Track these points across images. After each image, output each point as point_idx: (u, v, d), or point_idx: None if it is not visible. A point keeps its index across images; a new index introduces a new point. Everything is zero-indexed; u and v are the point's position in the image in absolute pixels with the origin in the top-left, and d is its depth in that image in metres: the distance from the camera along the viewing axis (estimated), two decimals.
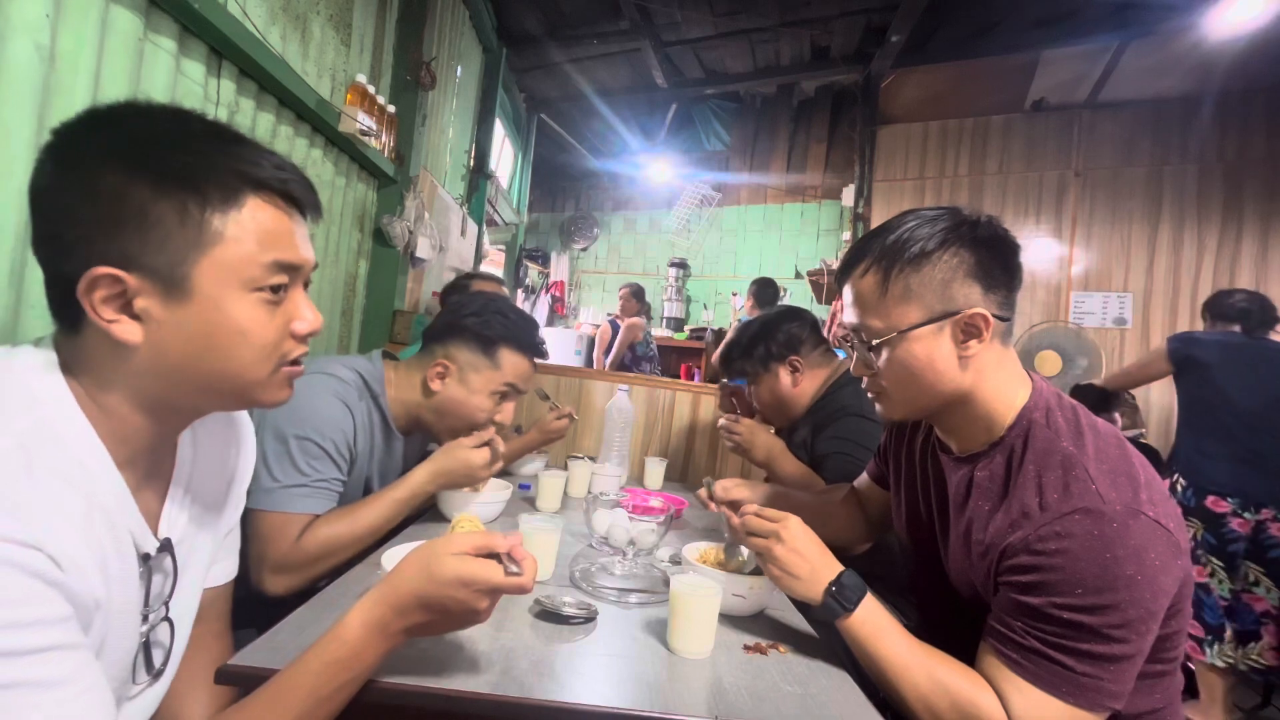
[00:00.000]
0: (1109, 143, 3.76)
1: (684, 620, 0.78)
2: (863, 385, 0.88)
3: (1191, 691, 2.18)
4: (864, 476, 1.18)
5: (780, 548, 0.82)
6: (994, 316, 0.77)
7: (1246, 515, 2.07)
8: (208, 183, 0.52)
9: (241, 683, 0.62)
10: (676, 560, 1.07)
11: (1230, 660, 2.07)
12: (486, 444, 1.16)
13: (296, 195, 0.57)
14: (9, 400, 0.48)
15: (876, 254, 0.81)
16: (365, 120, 1.94)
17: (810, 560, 0.82)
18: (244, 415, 0.74)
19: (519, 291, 5.15)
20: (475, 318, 1.18)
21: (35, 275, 1.02)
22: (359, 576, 0.90)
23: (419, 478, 1.12)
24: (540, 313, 5.54)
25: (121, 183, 0.49)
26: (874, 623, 0.78)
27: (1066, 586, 0.67)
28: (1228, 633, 2.09)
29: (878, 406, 0.88)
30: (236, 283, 0.53)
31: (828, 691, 0.73)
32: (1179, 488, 2.22)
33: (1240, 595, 2.09)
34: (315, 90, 1.76)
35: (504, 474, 1.72)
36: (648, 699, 0.66)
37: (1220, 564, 2.10)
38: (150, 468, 0.59)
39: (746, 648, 0.82)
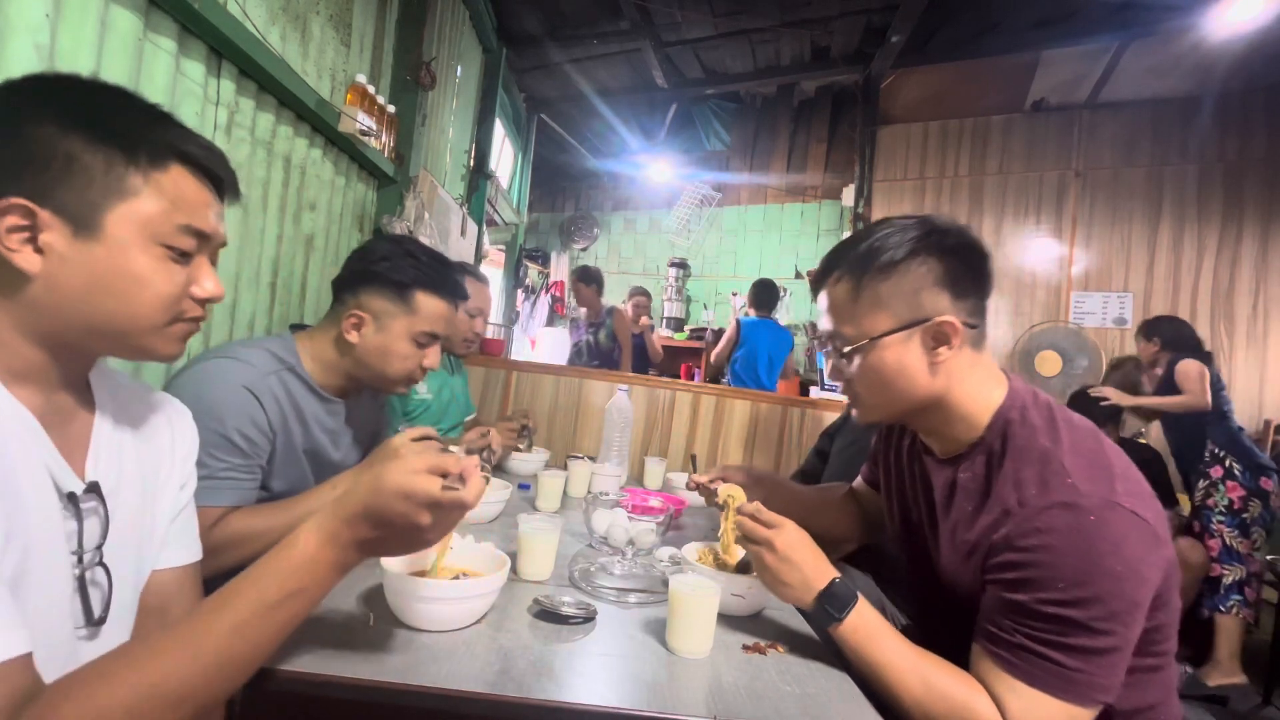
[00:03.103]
0: (1109, 143, 3.76)
1: (683, 620, 0.78)
2: (840, 390, 0.90)
3: (1198, 660, 2.38)
4: (859, 480, 1.18)
5: (772, 556, 0.82)
6: (963, 324, 0.79)
7: None
8: (138, 144, 0.56)
9: None
10: (675, 560, 1.07)
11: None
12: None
13: (218, 173, 0.62)
14: None
15: (848, 263, 0.83)
16: (365, 120, 1.94)
17: (802, 568, 0.81)
18: (171, 400, 0.74)
19: (519, 292, 5.15)
20: (385, 262, 1.12)
21: None
22: (356, 574, 0.90)
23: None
24: (540, 313, 5.54)
25: (55, 134, 0.54)
26: (865, 630, 0.77)
27: (1050, 581, 0.68)
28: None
29: (853, 411, 0.90)
30: (146, 236, 0.57)
31: (826, 691, 0.73)
32: (1235, 470, 2.46)
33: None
34: (315, 90, 1.76)
35: (501, 473, 1.72)
36: (646, 699, 0.66)
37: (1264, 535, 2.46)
38: (60, 408, 0.59)
39: (745, 647, 0.82)
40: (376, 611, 0.78)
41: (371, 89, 1.98)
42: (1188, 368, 2.57)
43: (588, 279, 4.02)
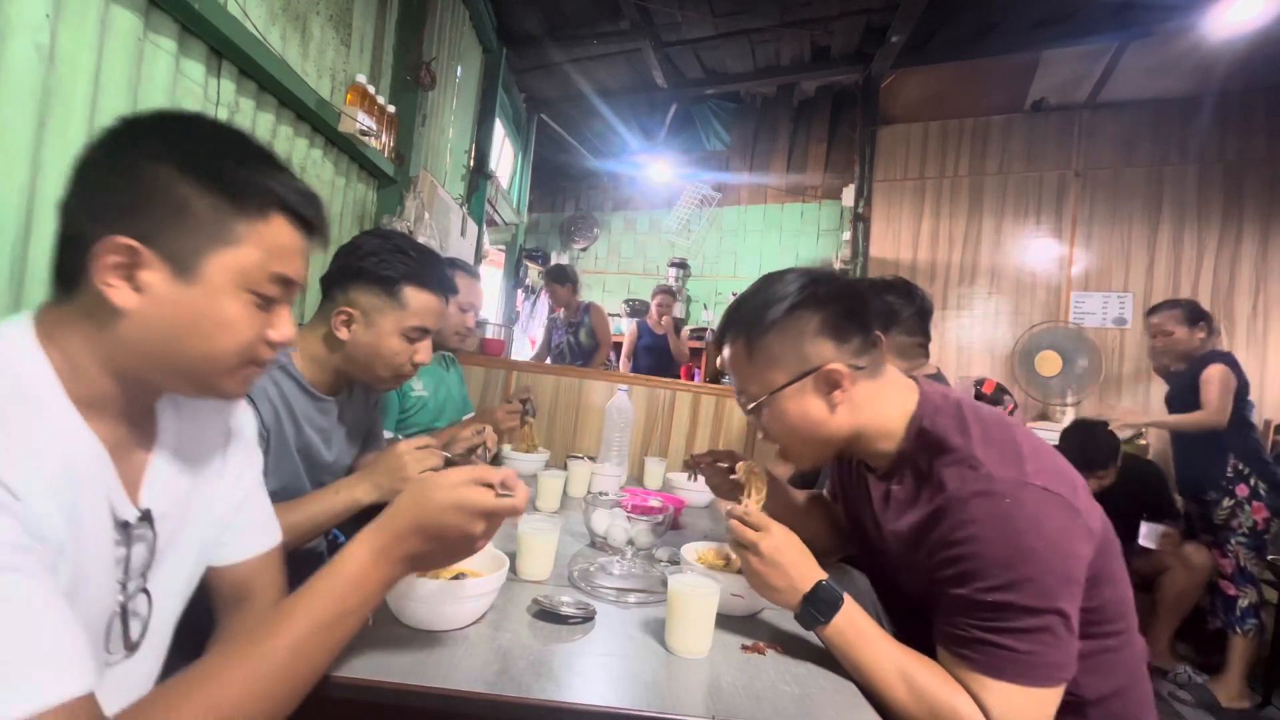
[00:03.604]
0: (1109, 143, 3.75)
1: (682, 620, 0.78)
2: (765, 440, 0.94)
3: (1213, 670, 2.32)
4: (826, 492, 1.20)
5: (757, 561, 0.82)
6: (849, 367, 0.84)
7: None
8: (247, 194, 0.58)
9: None
10: (675, 560, 1.07)
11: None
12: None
13: (314, 223, 0.64)
14: None
15: (739, 324, 0.90)
16: (365, 120, 1.94)
17: (788, 572, 0.81)
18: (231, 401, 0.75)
19: (519, 292, 5.15)
20: (373, 258, 1.11)
21: (34, 275, 1.02)
22: None
23: (358, 490, 1.04)
24: (540, 312, 5.54)
25: (171, 177, 0.55)
26: (852, 632, 0.77)
27: (983, 570, 0.71)
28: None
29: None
30: (239, 283, 0.58)
31: (825, 691, 0.73)
32: (1261, 490, 2.34)
33: None
34: (315, 90, 1.76)
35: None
36: (646, 699, 0.66)
37: None
38: (128, 436, 0.61)
39: (744, 647, 0.82)
40: (376, 611, 0.78)
41: (371, 89, 1.98)
42: (1214, 374, 2.33)
43: (561, 278, 3.87)
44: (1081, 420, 2.49)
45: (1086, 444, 2.30)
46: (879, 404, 0.87)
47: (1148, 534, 2.39)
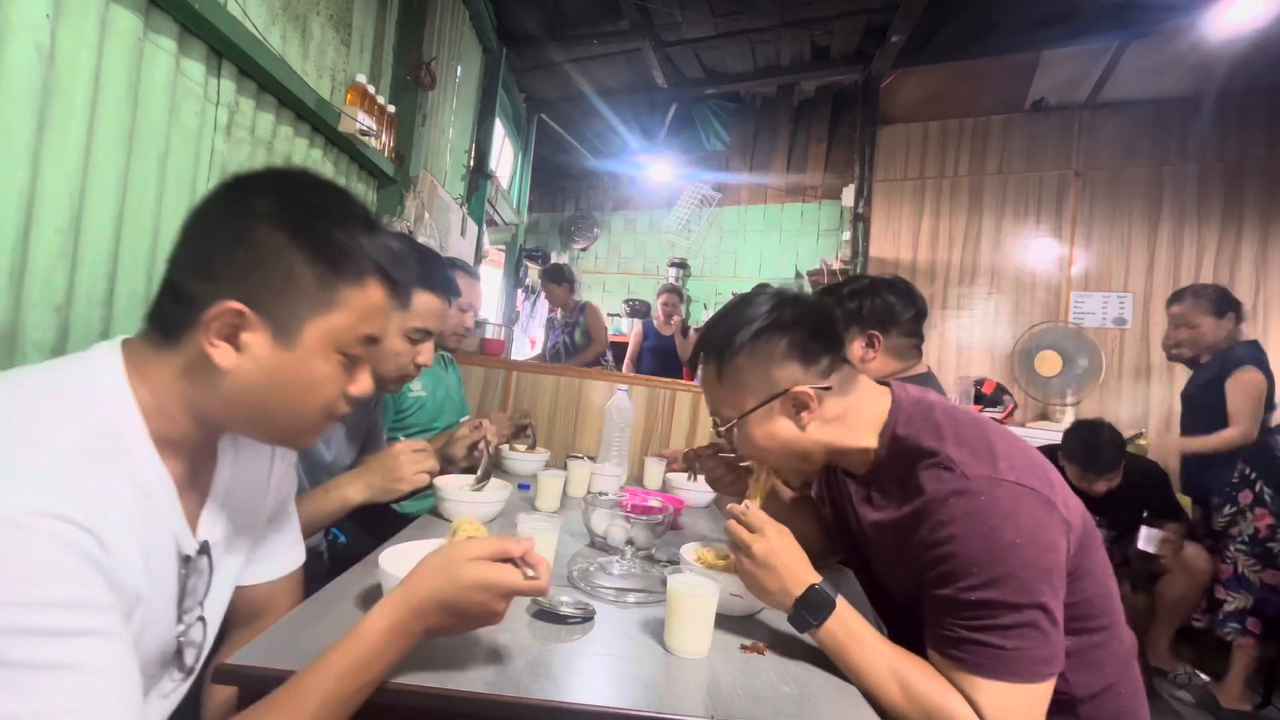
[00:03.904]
0: (1109, 143, 3.75)
1: (681, 620, 0.78)
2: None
3: (1217, 673, 2.25)
4: (814, 494, 1.21)
5: (750, 563, 0.82)
6: (816, 389, 0.85)
7: None
8: (349, 261, 0.60)
9: (238, 682, 0.62)
10: (674, 560, 1.07)
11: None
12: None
13: (402, 284, 0.68)
14: (81, 397, 0.54)
15: (710, 348, 0.91)
16: (365, 120, 1.94)
17: (780, 576, 0.80)
18: None
19: (519, 292, 5.15)
20: None
21: (34, 275, 1.02)
22: (356, 577, 0.90)
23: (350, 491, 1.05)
24: (540, 312, 5.53)
25: (281, 243, 0.58)
26: (843, 636, 0.77)
27: (964, 569, 0.72)
28: None
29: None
30: (331, 346, 0.61)
31: (825, 691, 0.73)
32: (1266, 496, 2.20)
33: None
34: (315, 90, 1.76)
35: (501, 473, 1.72)
36: (645, 699, 0.66)
37: None
38: (193, 472, 0.63)
39: (744, 648, 0.82)
40: None
41: (371, 89, 1.98)
42: (1247, 382, 2.08)
43: (558, 278, 3.83)
44: (1084, 420, 2.38)
45: (1090, 444, 2.21)
46: (851, 418, 0.88)
47: (1147, 539, 2.30)
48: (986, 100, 3.98)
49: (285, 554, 0.79)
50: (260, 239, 0.57)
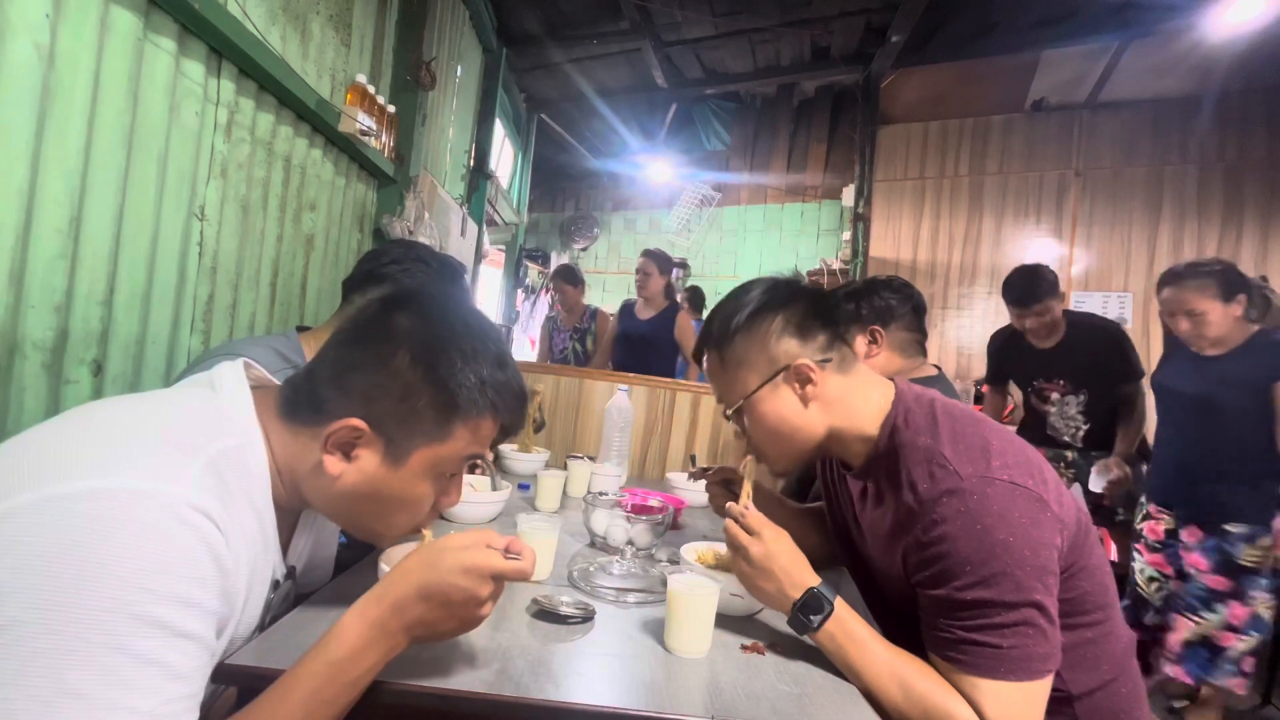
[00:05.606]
0: (1109, 143, 3.76)
1: (681, 620, 0.78)
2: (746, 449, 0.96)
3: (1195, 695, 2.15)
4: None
5: (746, 566, 0.82)
6: (816, 362, 0.86)
7: None
8: (472, 404, 0.64)
9: (236, 681, 0.62)
10: (674, 560, 1.07)
11: None
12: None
13: (516, 428, 0.70)
14: (223, 422, 0.59)
15: (710, 340, 0.93)
16: (365, 120, 1.94)
17: (777, 579, 0.80)
18: None
19: (519, 292, 5.15)
20: (395, 265, 1.15)
21: (34, 275, 1.02)
22: (355, 579, 0.90)
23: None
24: (540, 312, 5.54)
25: (416, 380, 0.62)
26: (841, 637, 0.77)
27: (958, 568, 0.72)
28: None
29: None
30: (437, 469, 0.65)
31: (825, 691, 0.73)
32: None
33: None
34: (315, 90, 1.76)
35: (501, 473, 1.72)
36: (645, 699, 0.66)
37: None
38: (290, 508, 0.68)
39: (744, 648, 0.81)
40: None
41: (371, 89, 1.98)
42: None
43: (572, 279, 3.66)
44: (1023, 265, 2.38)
45: (1012, 278, 2.31)
46: (853, 401, 0.88)
47: (1097, 476, 2.13)
48: (986, 100, 3.98)
49: (317, 571, 0.84)
50: (396, 369, 0.61)
